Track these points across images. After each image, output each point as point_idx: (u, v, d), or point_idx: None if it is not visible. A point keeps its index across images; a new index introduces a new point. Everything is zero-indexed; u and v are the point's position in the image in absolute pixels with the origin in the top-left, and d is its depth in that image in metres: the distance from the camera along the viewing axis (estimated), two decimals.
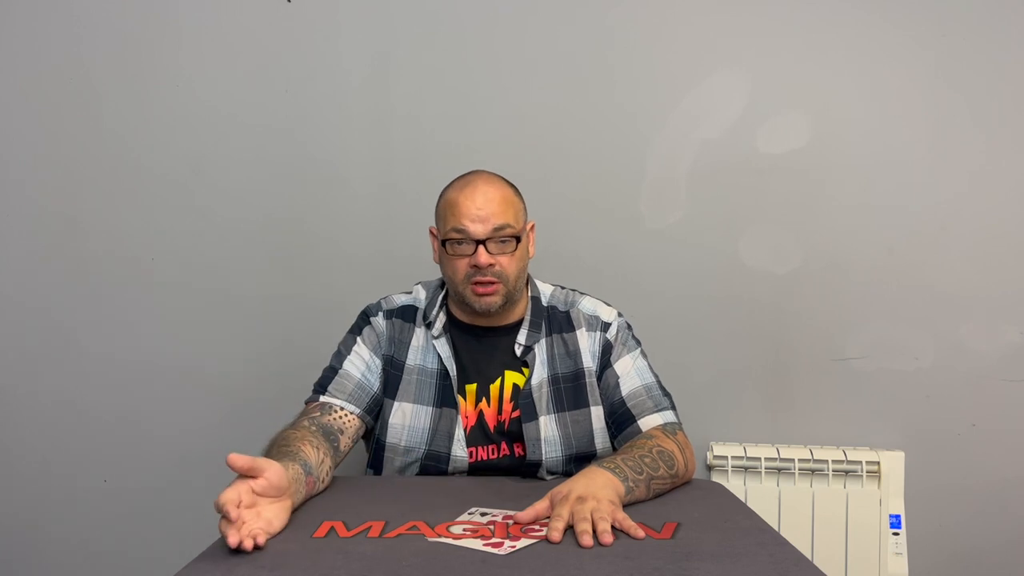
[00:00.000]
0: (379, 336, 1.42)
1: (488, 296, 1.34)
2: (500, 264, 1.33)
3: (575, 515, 1.04)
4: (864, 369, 1.83)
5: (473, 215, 1.32)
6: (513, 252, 1.35)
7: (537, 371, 1.40)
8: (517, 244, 1.35)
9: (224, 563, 0.93)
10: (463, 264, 1.34)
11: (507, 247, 1.34)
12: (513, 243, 1.34)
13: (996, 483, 1.81)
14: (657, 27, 1.85)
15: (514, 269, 1.35)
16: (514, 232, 1.34)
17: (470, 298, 1.35)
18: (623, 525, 1.04)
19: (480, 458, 1.37)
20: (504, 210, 1.34)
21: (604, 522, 1.02)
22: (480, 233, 1.32)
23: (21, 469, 1.92)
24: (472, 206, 1.32)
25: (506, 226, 1.33)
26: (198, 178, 1.90)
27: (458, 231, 1.33)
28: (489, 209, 1.32)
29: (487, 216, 1.32)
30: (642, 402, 1.38)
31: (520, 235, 1.36)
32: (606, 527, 1.01)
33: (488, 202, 1.33)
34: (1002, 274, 1.81)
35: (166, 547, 1.87)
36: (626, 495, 1.14)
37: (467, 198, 1.33)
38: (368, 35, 1.87)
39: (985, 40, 1.80)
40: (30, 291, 1.91)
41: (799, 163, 1.83)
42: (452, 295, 1.42)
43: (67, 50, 1.90)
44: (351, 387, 1.38)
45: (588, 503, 1.05)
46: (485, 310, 1.35)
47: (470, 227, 1.32)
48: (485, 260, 1.31)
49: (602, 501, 1.07)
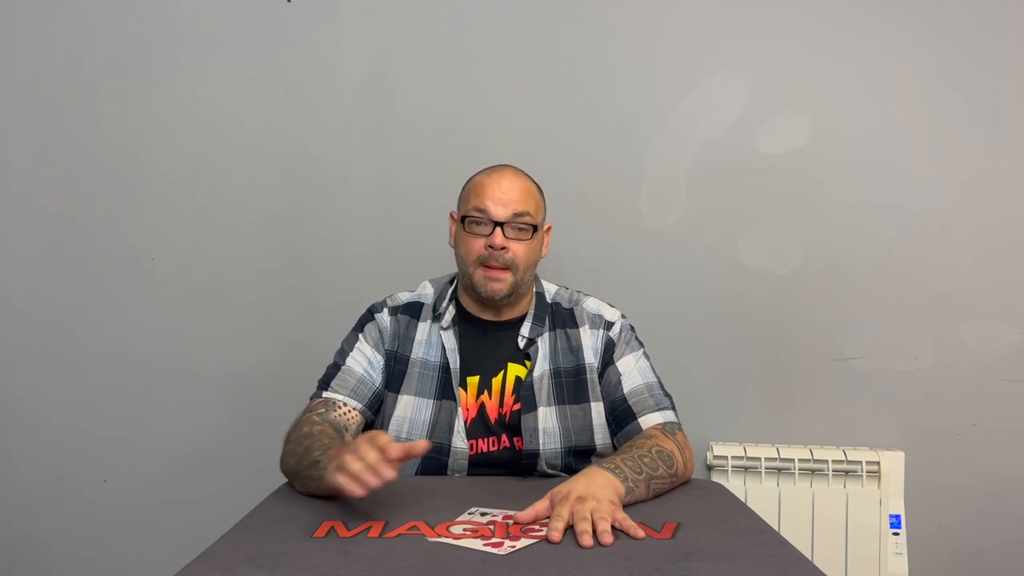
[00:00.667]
0: (382, 332, 1.44)
1: (495, 282, 1.37)
2: (513, 251, 1.36)
3: (575, 515, 1.04)
4: (864, 369, 1.83)
5: (496, 197, 1.36)
6: (528, 241, 1.38)
7: (539, 364, 1.41)
8: (533, 234, 1.38)
9: (224, 563, 0.93)
10: (478, 244, 1.36)
11: (523, 234, 1.37)
12: (530, 231, 1.38)
13: (996, 483, 1.81)
14: (657, 27, 1.85)
15: (525, 259, 1.38)
16: (533, 221, 1.38)
17: (478, 281, 1.37)
18: (623, 525, 1.04)
19: (480, 450, 1.38)
20: (526, 199, 1.38)
21: (604, 522, 1.02)
22: (500, 215, 1.35)
23: (21, 469, 1.92)
24: (497, 189, 1.37)
25: (525, 213, 1.37)
26: (198, 178, 1.90)
27: (479, 210, 1.36)
28: (512, 195, 1.37)
29: (509, 200, 1.36)
30: (643, 400, 1.39)
31: (537, 226, 1.40)
32: (606, 527, 1.01)
33: (512, 188, 1.38)
34: (1002, 274, 1.81)
35: (166, 547, 1.86)
36: (626, 495, 1.14)
37: (493, 182, 1.38)
38: (368, 35, 1.87)
39: (985, 40, 1.80)
40: (30, 291, 1.91)
41: (799, 163, 1.83)
42: (461, 279, 1.44)
43: (67, 50, 1.90)
44: (353, 382, 1.39)
45: (588, 503, 1.06)
46: (490, 296, 1.37)
47: (491, 208, 1.36)
48: (500, 241, 1.35)
49: (602, 501, 1.07)
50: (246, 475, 1.74)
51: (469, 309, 1.45)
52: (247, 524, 1.09)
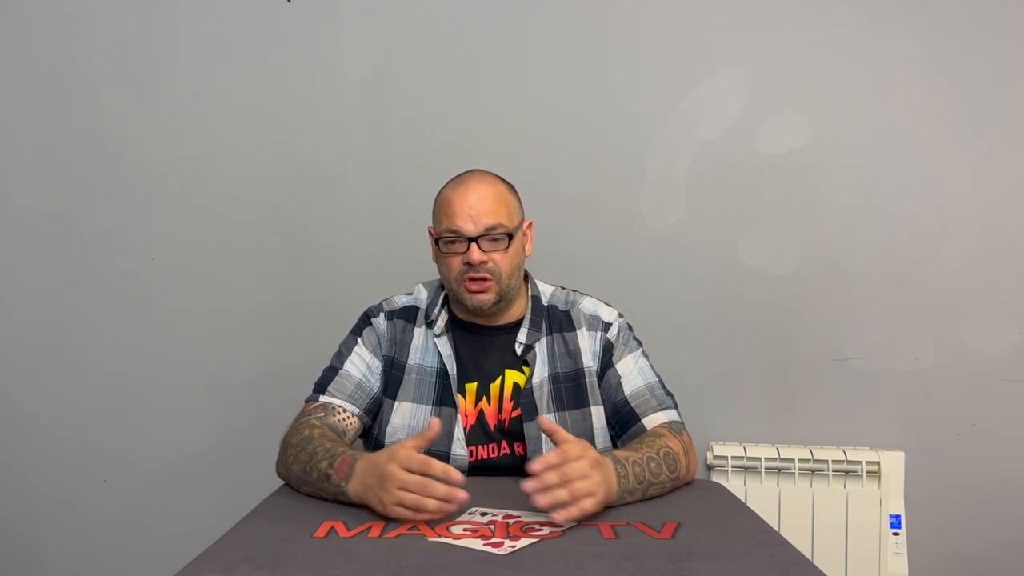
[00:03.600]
0: (380, 337, 1.43)
1: (480, 294, 1.35)
2: (493, 261, 1.35)
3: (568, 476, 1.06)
4: (864, 369, 1.83)
5: (465, 214, 1.33)
6: (506, 250, 1.36)
7: (538, 370, 1.40)
8: (510, 242, 1.36)
9: (224, 563, 0.93)
10: (456, 262, 1.35)
11: (499, 245, 1.35)
12: (506, 240, 1.36)
13: (996, 483, 1.81)
14: (657, 27, 1.85)
15: (507, 266, 1.36)
16: (506, 230, 1.35)
17: (464, 296, 1.36)
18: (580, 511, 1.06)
19: (480, 457, 1.37)
20: (497, 209, 1.35)
21: (577, 507, 1.05)
22: (472, 231, 1.33)
23: (21, 469, 1.92)
24: (465, 205, 1.34)
25: (498, 225, 1.34)
26: (198, 178, 1.90)
27: (451, 231, 1.35)
28: (481, 208, 1.34)
29: (479, 215, 1.33)
30: (645, 401, 1.38)
31: (513, 233, 1.37)
32: (572, 513, 1.05)
33: (480, 200, 1.34)
34: (1002, 274, 1.81)
35: (166, 547, 1.87)
36: (615, 501, 1.15)
37: (460, 197, 1.35)
38: (368, 35, 1.87)
39: (985, 40, 1.80)
40: (29, 291, 1.91)
41: (799, 163, 1.83)
42: (449, 293, 1.43)
43: (66, 50, 1.90)
44: (351, 388, 1.39)
45: (589, 481, 1.08)
46: (478, 307, 1.37)
47: (462, 226, 1.33)
48: (477, 257, 1.33)
49: (597, 494, 1.09)
50: (246, 475, 1.74)
51: (461, 315, 1.44)
52: (247, 524, 1.09)
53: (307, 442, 1.25)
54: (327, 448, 1.21)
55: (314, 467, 1.19)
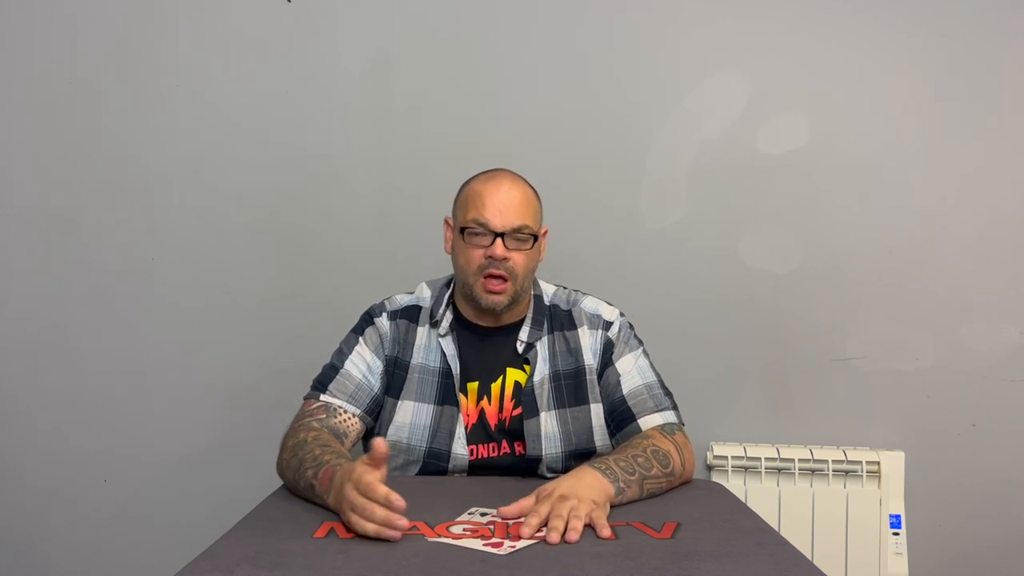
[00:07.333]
0: (382, 337, 1.43)
1: (496, 295, 1.36)
2: (514, 260, 1.35)
3: (552, 512, 1.05)
4: (864, 369, 1.83)
5: (496, 208, 1.34)
6: (528, 251, 1.37)
7: (539, 368, 1.41)
8: (533, 244, 1.38)
9: (224, 563, 0.93)
10: (478, 255, 1.35)
11: (524, 245, 1.36)
12: (530, 242, 1.37)
13: (996, 483, 1.81)
14: (657, 27, 1.85)
15: (525, 268, 1.37)
16: (532, 232, 1.37)
17: (478, 291, 1.36)
18: (595, 523, 1.05)
19: (480, 456, 1.38)
20: (525, 210, 1.36)
21: (577, 520, 1.03)
22: (499, 227, 1.34)
23: (21, 469, 1.92)
24: (496, 199, 1.35)
25: (525, 226, 1.35)
26: (198, 178, 1.90)
27: (479, 223, 1.34)
28: (511, 205, 1.35)
29: (508, 211, 1.34)
30: (642, 401, 1.39)
31: (537, 234, 1.39)
32: (576, 525, 1.02)
33: (511, 198, 1.35)
34: (1002, 274, 1.81)
35: (166, 547, 1.87)
36: (616, 496, 1.15)
37: (492, 191, 1.36)
38: (368, 35, 1.87)
39: (984, 41, 1.80)
40: (30, 291, 1.91)
41: (799, 163, 1.83)
42: (460, 287, 1.42)
43: (67, 51, 1.90)
44: (352, 388, 1.38)
45: (568, 502, 1.07)
46: (491, 307, 1.37)
47: (491, 220, 1.34)
48: (501, 253, 1.33)
49: (584, 501, 1.08)
50: (246, 475, 1.74)
51: (466, 315, 1.44)
52: (247, 524, 1.10)
53: (299, 447, 1.24)
54: (315, 456, 1.19)
55: (301, 475, 1.19)
